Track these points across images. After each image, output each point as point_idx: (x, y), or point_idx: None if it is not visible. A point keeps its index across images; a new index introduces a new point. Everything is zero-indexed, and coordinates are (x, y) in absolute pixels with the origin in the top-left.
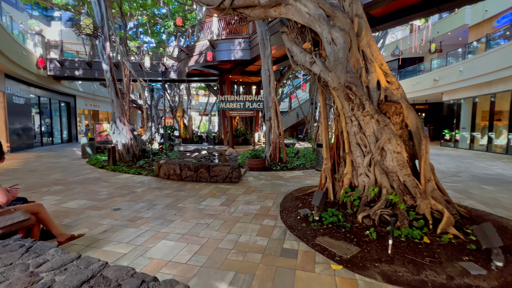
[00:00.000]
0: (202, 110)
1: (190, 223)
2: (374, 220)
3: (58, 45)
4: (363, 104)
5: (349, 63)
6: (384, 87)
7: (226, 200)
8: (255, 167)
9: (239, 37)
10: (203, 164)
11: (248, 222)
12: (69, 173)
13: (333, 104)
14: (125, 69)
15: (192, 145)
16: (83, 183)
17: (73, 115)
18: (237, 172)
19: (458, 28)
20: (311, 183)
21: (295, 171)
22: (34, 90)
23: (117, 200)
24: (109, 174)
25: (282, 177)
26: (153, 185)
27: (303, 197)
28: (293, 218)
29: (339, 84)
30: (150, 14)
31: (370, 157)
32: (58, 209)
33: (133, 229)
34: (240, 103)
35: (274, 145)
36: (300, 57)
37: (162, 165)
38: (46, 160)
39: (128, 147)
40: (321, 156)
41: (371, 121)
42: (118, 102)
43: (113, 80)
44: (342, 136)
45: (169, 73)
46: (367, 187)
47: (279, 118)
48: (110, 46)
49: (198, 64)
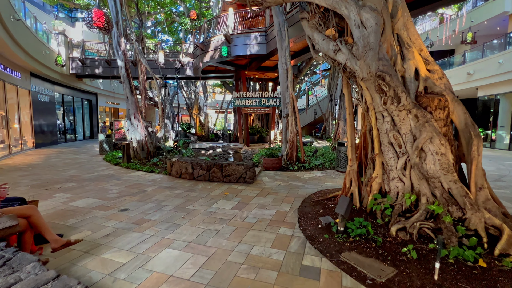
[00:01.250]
0: (219, 108)
1: (198, 228)
2: (412, 234)
3: (80, 45)
4: (398, 97)
5: (381, 49)
6: (424, 77)
7: (238, 202)
8: (270, 166)
9: (255, 31)
10: (216, 163)
11: (262, 230)
12: (85, 170)
13: (360, 98)
14: (141, 66)
15: (208, 143)
16: (95, 180)
17: (95, 112)
18: (251, 172)
19: (496, 17)
20: (332, 185)
21: (314, 171)
22: (58, 88)
23: (126, 199)
24: (122, 171)
25: (300, 178)
26: (164, 184)
27: (324, 202)
28: (313, 227)
29: (370, 73)
30: (168, 12)
31: (405, 159)
32: (66, 208)
33: (137, 234)
34: (256, 99)
35: (291, 144)
36: (322, 45)
37: (174, 163)
38: (66, 156)
39: (142, 144)
40: (343, 156)
41: (407, 117)
42: (133, 99)
43: (127, 77)
44: (370, 135)
45: (185, 70)
46: (401, 194)
47: (297, 115)
48: (125, 42)
49: (213, 60)
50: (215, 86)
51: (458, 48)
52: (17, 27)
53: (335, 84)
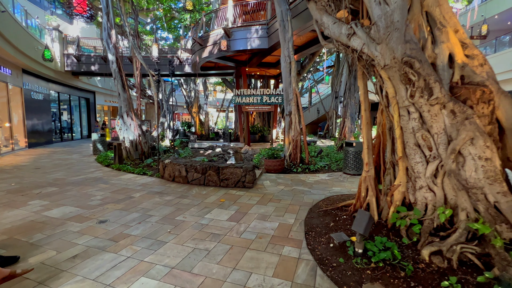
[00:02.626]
0: (220, 106)
1: (185, 247)
2: (451, 260)
3: (75, 41)
4: (430, 88)
5: (408, 29)
6: (461, 63)
7: (236, 212)
8: (272, 168)
9: (256, 24)
10: (212, 165)
11: (262, 250)
12: (72, 172)
13: (379, 90)
14: (136, 62)
15: (207, 142)
16: (80, 184)
17: (93, 111)
18: (251, 175)
19: (508, 10)
20: (341, 190)
21: (319, 174)
22: (53, 86)
23: (108, 208)
24: (112, 173)
25: (305, 182)
26: (155, 188)
27: (335, 212)
28: (323, 246)
29: (394, 59)
30: (167, 7)
31: (437, 165)
32: (37, 219)
33: (111, 255)
34: (257, 97)
35: (294, 144)
36: (333, 30)
37: (167, 165)
38: (57, 157)
39: (136, 144)
40: (351, 157)
41: (441, 113)
42: (125, 96)
43: (119, 72)
44: (391, 134)
45: (183, 67)
46: (431, 206)
47: (301, 112)
48: (121, 38)
49: (212, 55)
50: (216, 84)
51: None
52: (4, 20)
53: (339, 81)
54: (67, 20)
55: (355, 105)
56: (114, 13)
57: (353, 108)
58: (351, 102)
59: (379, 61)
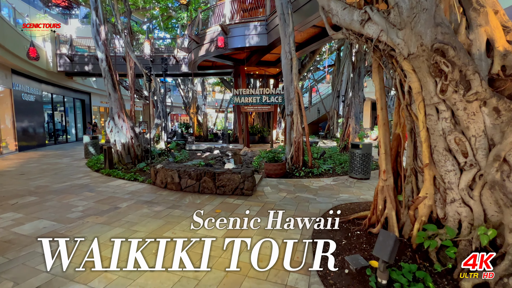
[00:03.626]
0: (218, 107)
1: (171, 275)
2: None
3: (68, 40)
4: (467, 81)
5: (439, 10)
6: (503, 51)
7: (232, 226)
8: (273, 173)
9: (255, 20)
10: (207, 171)
11: (263, 279)
12: (58, 178)
13: (399, 85)
14: (130, 61)
15: (206, 144)
16: (64, 192)
17: (89, 112)
18: (250, 181)
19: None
20: (349, 198)
21: (324, 178)
22: (46, 87)
23: (89, 222)
24: (101, 179)
25: (309, 188)
26: (144, 197)
27: (346, 226)
28: (337, 272)
29: (421, 47)
30: (163, 6)
31: (474, 174)
32: (4, 236)
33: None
34: (257, 97)
35: (296, 146)
36: (343, 17)
37: (159, 171)
38: (47, 161)
39: (128, 147)
40: (357, 159)
41: (480, 111)
42: (116, 96)
43: (109, 71)
44: (412, 137)
45: (180, 66)
46: (466, 224)
47: (303, 112)
48: (106, 31)
49: (210, 53)
50: (214, 85)
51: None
52: None
53: (340, 80)
54: (61, 19)
55: (359, 104)
56: (105, 9)
57: (357, 107)
58: (355, 101)
59: (402, 50)
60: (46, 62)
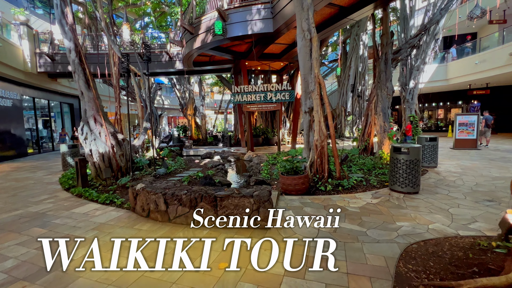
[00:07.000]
0: (217, 108)
1: None
2: None
3: (48, 38)
4: None
5: None
6: None
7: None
8: (293, 189)
9: (258, 2)
10: (205, 193)
11: None
12: (12, 202)
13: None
14: (113, 55)
15: (205, 148)
16: (5, 229)
17: (78, 117)
18: (266, 208)
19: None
20: (413, 229)
21: (359, 193)
22: (27, 90)
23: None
24: (66, 203)
25: (347, 211)
26: (114, 235)
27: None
28: None
29: None
30: (155, 1)
31: None
32: None
33: None
34: (260, 94)
35: (319, 151)
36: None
37: (139, 193)
38: (15, 176)
39: (109, 158)
40: (402, 167)
41: None
42: (90, 96)
43: (80, 64)
44: None
45: (174, 63)
46: None
47: (327, 108)
48: (71, 12)
49: (206, 44)
50: (212, 85)
51: (482, 31)
52: None
53: (347, 76)
54: (47, 19)
55: (387, 98)
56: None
57: (385, 101)
58: (382, 94)
59: None
60: (23, 62)
